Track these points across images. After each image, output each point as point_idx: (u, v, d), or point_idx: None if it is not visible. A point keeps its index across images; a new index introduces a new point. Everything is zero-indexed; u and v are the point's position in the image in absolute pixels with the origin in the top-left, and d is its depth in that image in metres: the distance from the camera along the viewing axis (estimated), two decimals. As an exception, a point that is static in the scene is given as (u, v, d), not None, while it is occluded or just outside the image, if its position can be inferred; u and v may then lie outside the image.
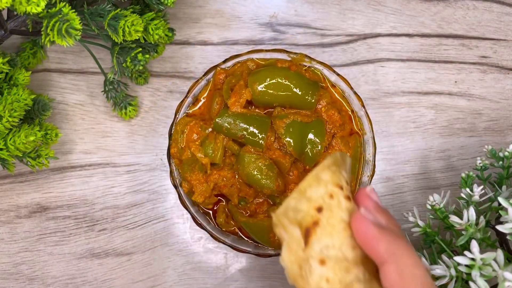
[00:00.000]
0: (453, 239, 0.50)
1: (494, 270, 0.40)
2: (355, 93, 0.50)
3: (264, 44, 0.58)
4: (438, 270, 0.42)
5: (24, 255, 0.55)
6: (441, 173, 0.57)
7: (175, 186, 0.50)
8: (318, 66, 0.51)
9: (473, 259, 0.40)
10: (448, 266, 0.42)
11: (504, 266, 0.40)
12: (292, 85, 0.48)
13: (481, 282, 0.39)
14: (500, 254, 0.40)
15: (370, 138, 0.50)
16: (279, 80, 0.48)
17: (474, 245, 0.41)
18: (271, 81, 0.48)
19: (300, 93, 0.48)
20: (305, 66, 0.51)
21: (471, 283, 0.40)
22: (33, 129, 0.48)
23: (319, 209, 0.31)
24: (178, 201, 0.55)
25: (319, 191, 0.32)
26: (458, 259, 0.41)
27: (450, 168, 0.57)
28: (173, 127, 0.50)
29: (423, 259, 0.44)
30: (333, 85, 0.51)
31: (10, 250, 0.55)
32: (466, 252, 0.40)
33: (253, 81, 0.48)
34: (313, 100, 0.49)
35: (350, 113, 0.51)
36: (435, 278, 0.43)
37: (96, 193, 0.56)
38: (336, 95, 0.51)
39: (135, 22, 0.45)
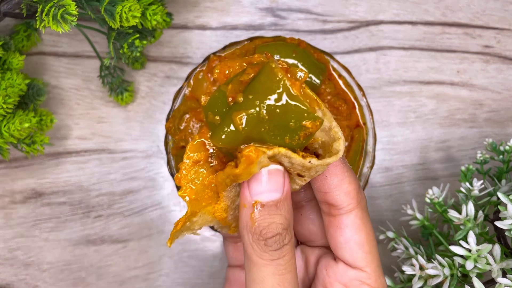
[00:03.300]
0: (450, 232, 0.50)
1: (488, 263, 0.40)
2: (356, 83, 0.49)
3: (264, 30, 0.57)
4: (432, 270, 0.42)
5: (19, 241, 0.55)
6: (440, 164, 0.57)
7: (172, 175, 0.49)
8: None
9: (469, 250, 0.41)
10: (442, 265, 0.42)
11: (500, 260, 0.40)
12: (299, 63, 0.48)
13: (477, 283, 0.40)
14: (497, 249, 0.41)
15: (370, 128, 0.50)
16: (286, 55, 0.48)
17: (471, 235, 0.41)
18: (279, 56, 0.48)
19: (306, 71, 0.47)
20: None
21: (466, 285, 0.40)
22: (27, 115, 0.48)
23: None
24: (175, 189, 0.55)
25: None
26: (454, 248, 0.41)
27: (450, 159, 0.57)
28: (170, 115, 0.49)
29: (419, 256, 0.44)
30: (340, 75, 0.50)
31: (5, 235, 0.55)
32: (462, 242, 0.41)
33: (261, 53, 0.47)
34: (318, 81, 0.48)
35: (354, 103, 0.51)
36: (430, 277, 0.43)
37: (91, 180, 0.56)
38: (342, 85, 0.50)
39: (133, 7, 0.44)
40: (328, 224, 0.38)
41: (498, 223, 0.40)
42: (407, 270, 0.44)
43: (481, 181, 0.46)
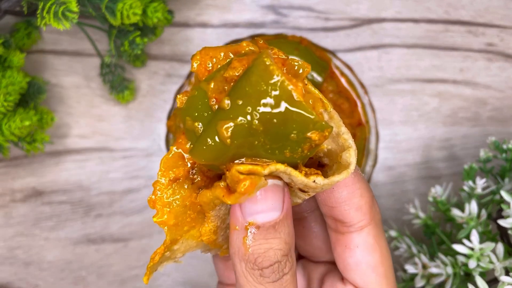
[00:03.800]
0: (453, 231, 0.50)
1: (491, 261, 0.40)
2: (359, 81, 0.49)
3: (266, 28, 0.57)
4: (434, 268, 0.42)
5: (20, 240, 0.55)
6: (443, 162, 0.57)
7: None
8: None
9: (472, 249, 0.40)
10: (444, 264, 0.42)
11: (503, 258, 0.40)
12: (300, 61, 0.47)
13: (480, 282, 0.39)
14: (500, 247, 0.40)
15: (373, 127, 0.50)
16: (288, 53, 0.47)
17: (474, 233, 0.41)
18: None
19: None
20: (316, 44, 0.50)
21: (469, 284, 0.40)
22: (28, 113, 0.47)
23: None
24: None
25: None
26: (457, 247, 0.41)
27: (453, 158, 0.57)
28: (171, 113, 0.49)
29: (422, 255, 0.44)
30: (342, 73, 0.50)
31: (5, 234, 0.55)
32: (465, 241, 0.41)
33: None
34: (320, 79, 0.47)
35: (356, 101, 0.50)
36: (433, 275, 0.43)
37: (92, 178, 0.55)
38: (344, 83, 0.50)
39: (134, 4, 0.44)
40: (335, 241, 0.33)
41: (501, 222, 0.40)
42: (410, 269, 0.44)
43: (484, 180, 0.45)
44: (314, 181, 0.27)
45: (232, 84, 0.27)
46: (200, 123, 0.28)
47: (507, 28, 0.58)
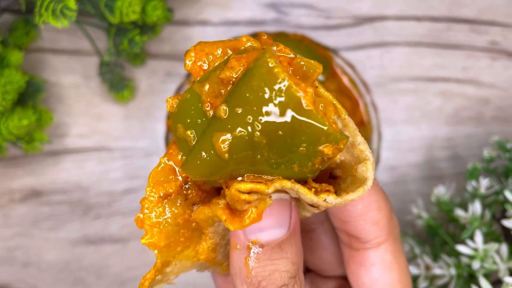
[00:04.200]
0: (456, 231, 0.49)
1: (495, 262, 0.39)
2: (361, 80, 0.49)
3: (267, 26, 0.56)
4: (437, 270, 0.42)
5: (18, 240, 0.54)
6: (446, 162, 0.56)
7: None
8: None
9: (475, 250, 0.40)
10: (448, 265, 0.42)
11: (507, 259, 0.40)
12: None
13: (484, 283, 0.39)
14: (504, 248, 0.40)
15: (375, 126, 0.49)
16: None
17: (478, 234, 0.40)
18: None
19: None
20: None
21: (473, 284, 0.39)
22: (26, 112, 0.47)
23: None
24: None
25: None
26: (461, 248, 0.41)
27: (456, 158, 0.56)
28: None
29: (424, 256, 0.43)
30: (344, 72, 0.49)
31: (4, 234, 0.54)
32: (468, 241, 0.40)
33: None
34: (322, 78, 0.47)
35: (358, 100, 0.50)
36: (436, 277, 0.42)
37: (91, 178, 0.55)
38: (346, 81, 0.50)
39: (133, 2, 0.44)
40: (348, 258, 0.30)
41: (505, 222, 0.40)
42: (412, 270, 0.44)
43: (487, 179, 0.45)
44: (325, 200, 0.24)
45: (229, 87, 0.24)
46: (193, 131, 0.24)
47: (511, 26, 0.57)
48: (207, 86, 0.24)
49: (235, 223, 0.23)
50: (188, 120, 0.24)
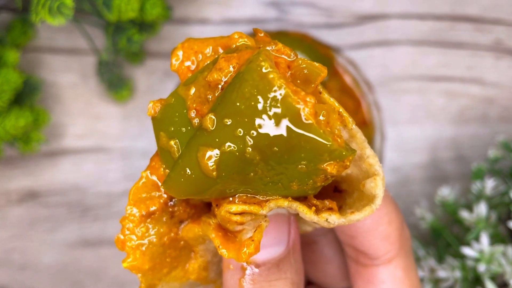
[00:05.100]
0: (461, 233, 0.49)
1: (500, 264, 0.39)
2: (364, 79, 0.48)
3: (267, 24, 0.56)
4: (442, 272, 0.41)
5: (15, 242, 0.54)
6: (450, 163, 0.56)
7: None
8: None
9: (481, 252, 0.40)
10: (453, 267, 0.41)
11: (513, 261, 0.39)
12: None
13: (491, 286, 0.38)
14: (510, 250, 0.40)
15: (378, 126, 0.49)
16: None
17: (483, 236, 0.40)
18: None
19: None
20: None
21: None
22: (23, 112, 0.47)
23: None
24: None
25: None
26: (466, 250, 0.40)
27: (460, 158, 0.56)
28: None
29: (429, 258, 0.43)
30: (346, 71, 0.49)
31: (1, 236, 0.54)
32: (474, 243, 0.40)
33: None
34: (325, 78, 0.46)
35: (361, 99, 0.49)
36: (440, 280, 0.42)
37: (89, 179, 0.55)
38: (348, 81, 0.49)
39: (131, 0, 0.43)
40: (355, 273, 0.28)
41: (511, 224, 0.40)
42: (417, 273, 0.43)
43: (492, 179, 0.45)
44: (327, 219, 0.22)
45: (217, 92, 0.21)
46: (177, 141, 0.22)
47: (516, 25, 0.57)
48: (193, 90, 0.22)
49: (230, 251, 0.21)
50: (172, 128, 0.22)
